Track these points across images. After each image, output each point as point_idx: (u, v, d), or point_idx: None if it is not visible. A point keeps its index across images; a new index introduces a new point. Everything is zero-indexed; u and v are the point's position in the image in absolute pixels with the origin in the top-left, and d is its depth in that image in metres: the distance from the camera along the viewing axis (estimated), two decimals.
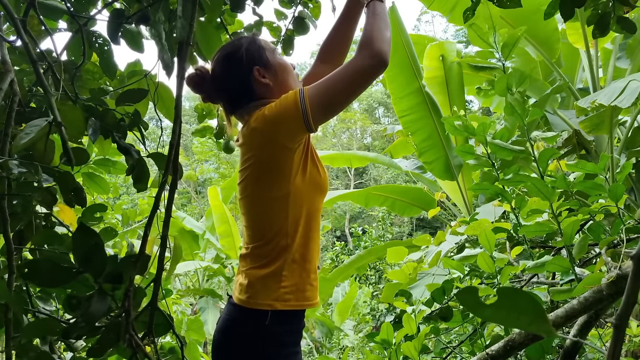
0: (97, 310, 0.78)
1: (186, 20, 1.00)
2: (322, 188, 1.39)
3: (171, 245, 1.59)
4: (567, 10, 1.17)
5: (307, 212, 1.34)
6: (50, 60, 1.26)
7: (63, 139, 0.94)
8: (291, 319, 1.34)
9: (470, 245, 2.28)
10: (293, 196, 1.31)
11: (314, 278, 1.36)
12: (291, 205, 1.31)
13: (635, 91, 3.21)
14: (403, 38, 5.62)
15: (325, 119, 1.29)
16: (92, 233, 0.80)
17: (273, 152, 1.30)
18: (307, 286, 1.34)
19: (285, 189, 1.30)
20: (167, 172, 0.93)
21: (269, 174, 1.31)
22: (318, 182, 1.36)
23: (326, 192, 1.43)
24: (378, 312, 9.34)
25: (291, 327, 1.34)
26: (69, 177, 1.07)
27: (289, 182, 1.30)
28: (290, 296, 1.30)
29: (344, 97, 1.27)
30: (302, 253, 1.33)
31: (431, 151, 5.91)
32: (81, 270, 0.78)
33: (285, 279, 1.30)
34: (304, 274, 1.33)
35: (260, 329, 1.28)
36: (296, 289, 1.31)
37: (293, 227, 1.31)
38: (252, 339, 1.28)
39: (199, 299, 7.85)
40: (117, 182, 6.22)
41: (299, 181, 1.31)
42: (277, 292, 1.29)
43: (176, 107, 0.95)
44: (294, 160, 1.30)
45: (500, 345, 1.35)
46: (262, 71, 1.37)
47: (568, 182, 1.50)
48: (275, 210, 1.32)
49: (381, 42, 1.26)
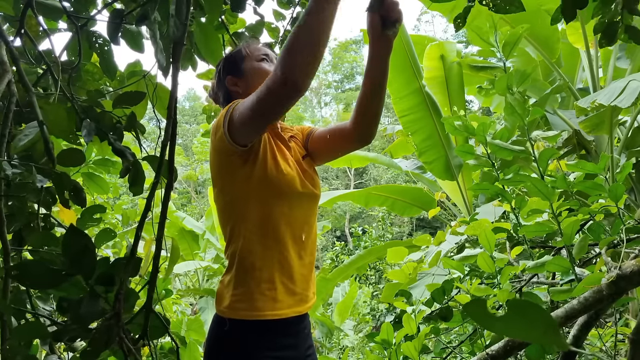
0: (88, 312, 0.77)
1: (180, 19, 0.99)
2: (282, 192, 1.30)
3: (169, 246, 1.59)
4: (569, 12, 1.16)
5: (256, 219, 1.28)
6: (48, 61, 1.25)
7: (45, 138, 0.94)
8: (260, 331, 1.26)
9: (470, 245, 2.28)
10: (239, 201, 1.30)
11: (266, 287, 1.27)
12: (237, 210, 1.30)
13: (635, 91, 3.21)
14: (403, 38, 5.62)
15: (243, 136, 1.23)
16: (82, 235, 0.79)
17: (215, 159, 1.32)
18: (257, 295, 1.26)
19: (229, 194, 1.31)
20: (159, 173, 0.93)
21: (216, 180, 1.34)
22: (270, 188, 1.29)
23: (291, 198, 1.32)
24: (378, 312, 9.34)
25: (263, 339, 1.26)
26: (65, 178, 1.06)
27: (232, 187, 1.29)
28: (240, 305, 1.26)
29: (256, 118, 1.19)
30: (252, 261, 1.28)
31: (431, 151, 5.90)
32: (71, 272, 0.78)
33: (235, 286, 1.28)
34: (253, 283, 1.27)
35: (224, 336, 1.27)
36: (245, 298, 1.27)
37: (240, 233, 1.29)
38: (217, 344, 1.29)
39: (199, 299, 7.85)
40: (117, 182, 6.22)
41: (246, 187, 1.28)
42: (228, 300, 1.28)
43: (169, 107, 0.95)
44: (235, 166, 1.28)
45: (500, 345, 1.34)
46: (234, 80, 1.44)
47: (568, 182, 1.49)
48: (226, 216, 1.33)
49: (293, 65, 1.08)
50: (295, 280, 1.32)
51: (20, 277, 0.79)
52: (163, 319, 0.90)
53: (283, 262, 1.30)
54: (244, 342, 1.26)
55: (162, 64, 1.06)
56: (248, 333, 1.26)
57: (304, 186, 1.36)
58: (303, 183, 1.36)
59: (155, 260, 0.88)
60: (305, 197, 1.36)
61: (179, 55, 0.97)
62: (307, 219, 1.37)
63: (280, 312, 1.28)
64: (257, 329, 1.27)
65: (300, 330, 1.37)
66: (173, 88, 0.96)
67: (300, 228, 1.34)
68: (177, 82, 0.96)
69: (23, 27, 1.16)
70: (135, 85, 1.57)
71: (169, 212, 1.01)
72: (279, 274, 1.29)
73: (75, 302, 0.78)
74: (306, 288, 1.36)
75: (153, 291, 0.85)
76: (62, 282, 0.78)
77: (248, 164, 1.28)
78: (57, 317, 1.34)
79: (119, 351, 0.81)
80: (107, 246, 3.32)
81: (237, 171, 1.28)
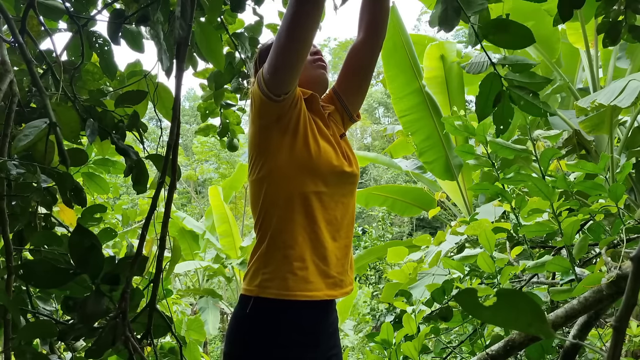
0: (94, 311, 0.77)
1: (185, 20, 0.99)
2: (313, 171, 1.27)
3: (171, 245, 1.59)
4: (566, 12, 1.16)
5: (290, 195, 1.26)
6: (49, 61, 1.26)
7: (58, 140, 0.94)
8: (289, 312, 1.23)
9: (470, 245, 2.28)
10: (274, 176, 1.27)
11: (298, 267, 1.23)
12: (271, 186, 1.27)
13: (635, 91, 3.21)
14: (403, 38, 5.62)
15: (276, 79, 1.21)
16: (88, 234, 0.79)
17: (253, 133, 1.30)
18: (287, 274, 1.22)
19: (265, 168, 1.28)
20: (165, 173, 0.93)
21: (253, 154, 1.31)
22: (307, 164, 1.26)
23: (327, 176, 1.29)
24: (378, 312, 9.34)
25: (285, 326, 1.23)
26: (68, 178, 1.07)
27: (269, 160, 1.27)
28: (269, 284, 1.22)
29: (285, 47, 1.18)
30: (284, 239, 1.25)
31: (431, 151, 5.91)
32: (78, 272, 0.78)
33: (266, 264, 1.25)
34: (285, 261, 1.23)
35: (245, 317, 1.24)
36: (275, 277, 1.23)
37: (272, 209, 1.27)
38: (241, 324, 1.25)
39: (199, 299, 7.85)
40: (117, 182, 6.22)
41: (282, 162, 1.26)
42: (258, 279, 1.24)
43: (174, 108, 0.95)
44: (271, 140, 1.27)
45: (500, 345, 1.34)
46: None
47: (568, 182, 1.49)
48: (258, 192, 1.30)
49: None
50: (329, 262, 1.27)
51: (26, 276, 0.79)
52: (166, 317, 0.91)
53: (315, 242, 1.26)
54: (271, 322, 1.23)
55: (166, 65, 1.06)
56: (277, 313, 1.23)
57: (341, 164, 1.32)
58: (340, 162, 1.33)
59: (158, 259, 0.89)
60: (342, 176, 1.32)
61: (184, 56, 0.97)
62: (342, 200, 1.33)
63: (311, 293, 1.23)
64: (285, 309, 1.23)
65: (326, 328, 1.33)
66: (177, 88, 0.97)
67: (335, 208, 1.31)
68: (182, 82, 0.97)
69: (25, 27, 1.16)
70: (136, 85, 1.57)
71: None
72: (310, 253, 1.25)
73: (81, 301, 0.78)
74: (341, 272, 1.31)
75: (157, 290, 0.86)
76: (68, 281, 0.78)
77: (287, 135, 1.26)
78: (57, 317, 1.34)
79: (123, 350, 0.81)
80: (107, 246, 3.32)
81: (275, 143, 1.27)
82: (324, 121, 1.38)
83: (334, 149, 1.33)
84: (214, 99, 2.09)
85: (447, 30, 1.12)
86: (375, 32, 1.41)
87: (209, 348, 9.28)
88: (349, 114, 1.49)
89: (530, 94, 1.08)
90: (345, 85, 1.48)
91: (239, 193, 12.55)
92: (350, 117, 1.49)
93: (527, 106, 1.08)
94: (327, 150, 1.30)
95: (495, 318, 0.41)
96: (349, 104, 1.48)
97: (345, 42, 32.90)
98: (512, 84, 1.09)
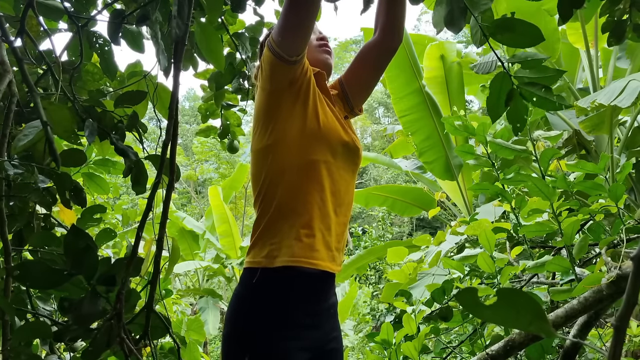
0: (89, 312, 0.77)
1: (182, 19, 0.99)
2: (323, 139, 1.28)
3: (169, 246, 1.59)
4: (566, 12, 1.16)
5: (299, 162, 1.26)
6: (49, 61, 1.26)
7: (49, 139, 0.94)
8: (290, 285, 1.21)
9: (470, 245, 2.28)
10: (283, 143, 1.27)
11: (305, 234, 1.22)
12: (280, 153, 1.27)
13: (635, 91, 3.21)
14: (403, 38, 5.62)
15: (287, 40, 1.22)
16: (83, 235, 0.79)
17: (262, 100, 1.31)
18: (294, 241, 1.21)
19: (273, 135, 1.28)
20: (161, 173, 0.93)
21: (261, 121, 1.31)
22: (316, 133, 1.27)
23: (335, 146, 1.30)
24: (378, 312, 9.34)
25: (292, 296, 1.21)
26: (66, 178, 1.07)
27: (278, 127, 1.28)
28: (277, 253, 1.21)
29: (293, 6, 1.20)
30: (292, 206, 1.24)
31: (431, 151, 5.91)
32: (73, 272, 0.77)
33: (273, 234, 1.23)
34: (293, 229, 1.22)
35: (251, 290, 1.22)
36: (282, 245, 1.21)
37: (279, 177, 1.26)
38: (242, 300, 1.23)
39: (199, 299, 7.85)
40: (117, 182, 6.22)
41: (292, 129, 1.27)
42: (265, 250, 1.23)
43: (170, 107, 0.95)
44: (282, 106, 1.28)
45: (500, 345, 1.34)
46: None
47: (568, 182, 1.49)
48: (263, 161, 1.29)
49: None
50: (332, 233, 1.27)
51: (22, 277, 0.79)
52: (164, 318, 0.90)
53: (323, 210, 1.26)
54: (279, 293, 1.21)
55: (164, 65, 1.06)
56: (284, 283, 1.21)
57: (349, 138, 1.35)
58: (349, 136, 1.35)
59: (156, 260, 0.89)
60: (348, 150, 1.34)
61: (181, 56, 0.97)
62: (346, 175, 1.34)
63: (316, 261, 1.23)
64: (292, 278, 1.21)
65: (327, 308, 1.31)
66: (175, 88, 0.96)
67: (340, 181, 1.32)
68: (179, 82, 0.96)
69: (24, 27, 1.16)
70: (136, 85, 1.57)
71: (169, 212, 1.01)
72: (318, 221, 1.25)
73: (76, 302, 0.78)
74: (338, 248, 1.30)
75: (154, 291, 0.85)
76: (63, 282, 0.77)
77: (298, 103, 1.28)
78: (57, 317, 1.34)
79: (119, 352, 0.81)
80: (107, 246, 3.32)
81: (285, 109, 1.28)
82: (330, 99, 1.39)
83: (341, 125, 1.35)
84: (215, 99, 2.09)
85: (456, 31, 1.12)
86: (393, 33, 1.43)
87: (209, 348, 9.27)
88: (350, 105, 1.50)
89: (542, 89, 1.07)
90: (354, 78, 1.50)
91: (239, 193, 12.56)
92: (350, 109, 1.50)
93: (540, 102, 1.07)
94: (335, 123, 1.32)
95: (496, 317, 0.41)
96: (353, 97, 1.49)
97: (345, 42, 32.88)
98: (522, 82, 1.08)
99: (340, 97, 1.50)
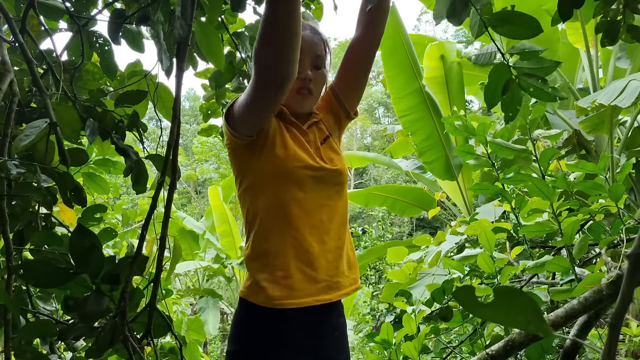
0: (94, 311, 0.78)
1: (185, 20, 0.99)
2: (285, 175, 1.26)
3: (171, 245, 1.59)
4: (565, 11, 1.16)
5: (268, 205, 1.27)
6: (50, 61, 1.26)
7: (58, 140, 0.94)
8: (274, 318, 1.24)
9: (470, 245, 2.28)
10: (252, 189, 1.30)
11: (281, 276, 1.23)
12: (251, 198, 1.30)
13: (635, 91, 3.21)
14: (403, 38, 5.62)
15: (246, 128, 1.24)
16: (89, 234, 0.79)
17: (229, 152, 1.34)
18: (272, 284, 1.23)
19: (244, 183, 1.32)
20: (164, 173, 0.93)
21: (233, 171, 1.36)
22: (277, 169, 1.26)
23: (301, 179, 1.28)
24: (378, 312, 9.34)
25: (279, 327, 1.24)
26: (68, 178, 1.07)
27: (245, 177, 1.31)
28: (258, 289, 1.25)
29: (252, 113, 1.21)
30: (265, 248, 1.26)
31: (431, 151, 5.91)
32: (78, 271, 0.78)
33: (254, 274, 1.28)
34: (268, 270, 1.24)
35: (241, 318, 1.28)
36: (260, 286, 1.24)
37: (255, 220, 1.30)
38: (236, 324, 1.30)
39: (199, 299, 7.85)
40: (117, 182, 6.22)
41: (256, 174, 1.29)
42: (249, 283, 1.29)
43: (174, 107, 0.95)
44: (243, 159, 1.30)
45: (500, 345, 1.35)
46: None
47: (568, 182, 1.50)
48: (243, 205, 1.34)
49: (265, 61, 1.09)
50: (318, 267, 1.26)
51: (26, 275, 0.79)
52: (166, 317, 0.91)
53: (299, 249, 1.25)
54: (264, 326, 1.25)
55: (166, 65, 1.06)
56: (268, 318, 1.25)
57: (318, 169, 1.31)
58: (318, 165, 1.32)
59: (158, 259, 0.89)
60: (319, 178, 1.31)
61: (184, 56, 0.97)
62: (328, 202, 1.32)
63: (298, 300, 1.23)
64: (276, 315, 1.24)
65: (328, 331, 1.32)
66: (177, 88, 0.97)
67: (318, 211, 1.29)
68: (182, 82, 0.97)
69: (25, 27, 1.16)
70: (136, 85, 1.57)
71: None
72: (295, 260, 1.25)
73: (81, 301, 0.78)
74: (335, 274, 1.30)
75: (157, 290, 0.86)
76: (68, 281, 0.78)
77: (255, 153, 1.28)
78: (57, 316, 1.34)
79: (122, 350, 0.81)
80: (107, 246, 3.32)
81: (246, 161, 1.30)
82: (300, 129, 1.37)
83: (308, 153, 1.32)
84: (216, 98, 2.09)
85: (456, 23, 1.13)
86: (373, 29, 1.41)
87: (209, 348, 9.28)
88: (346, 112, 1.49)
89: (539, 80, 1.09)
90: (343, 82, 1.49)
91: None
92: (347, 115, 1.50)
93: (536, 92, 1.10)
94: (297, 153, 1.30)
95: (494, 315, 0.41)
96: (346, 101, 1.48)
97: (345, 42, 32.84)
98: (521, 72, 1.09)
99: (333, 111, 1.49)
